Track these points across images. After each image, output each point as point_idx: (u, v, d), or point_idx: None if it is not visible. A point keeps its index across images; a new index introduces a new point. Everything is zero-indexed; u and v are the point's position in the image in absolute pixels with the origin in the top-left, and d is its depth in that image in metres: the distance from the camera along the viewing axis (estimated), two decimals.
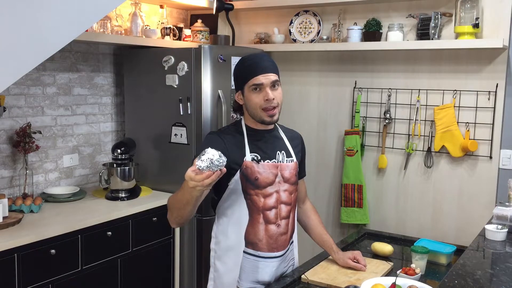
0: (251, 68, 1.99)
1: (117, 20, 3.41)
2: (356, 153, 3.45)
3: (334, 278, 2.07)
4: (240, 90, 2.03)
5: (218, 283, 2.11)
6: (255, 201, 2.00)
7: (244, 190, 2.00)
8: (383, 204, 3.51)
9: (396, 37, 3.25)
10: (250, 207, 2.01)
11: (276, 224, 2.04)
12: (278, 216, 2.04)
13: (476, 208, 3.18)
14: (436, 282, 2.03)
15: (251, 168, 1.98)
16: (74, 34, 2.07)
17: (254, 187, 1.99)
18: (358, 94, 3.52)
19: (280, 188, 2.04)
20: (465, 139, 3.14)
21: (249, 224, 2.01)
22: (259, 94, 1.97)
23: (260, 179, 1.99)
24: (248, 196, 2.00)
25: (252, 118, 2.04)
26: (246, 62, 2.02)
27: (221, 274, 2.09)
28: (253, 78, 1.97)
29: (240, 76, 2.02)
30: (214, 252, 2.13)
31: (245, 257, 2.03)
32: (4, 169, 2.97)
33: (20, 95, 3.02)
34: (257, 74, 1.97)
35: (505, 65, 3.04)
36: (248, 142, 2.02)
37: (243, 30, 4.00)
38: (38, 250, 2.49)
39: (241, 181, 1.98)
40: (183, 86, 3.25)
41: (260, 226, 2.01)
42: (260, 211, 2.01)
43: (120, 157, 3.23)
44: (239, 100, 2.06)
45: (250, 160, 1.99)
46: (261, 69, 1.98)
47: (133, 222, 2.99)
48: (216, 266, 2.11)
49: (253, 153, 2.01)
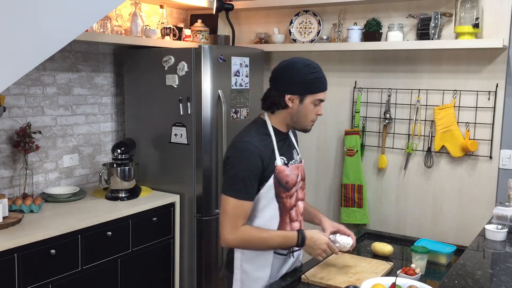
0: (322, 81, 2.03)
1: (117, 20, 3.41)
2: (356, 153, 3.45)
3: (334, 278, 2.07)
4: (299, 96, 2.00)
5: (247, 284, 2.08)
6: (285, 203, 2.06)
7: (277, 194, 2.02)
8: (383, 204, 3.51)
9: (396, 37, 3.25)
10: (281, 209, 2.06)
11: (298, 221, 2.13)
12: (298, 212, 2.13)
13: (476, 208, 3.18)
14: (436, 282, 2.03)
15: (282, 172, 2.02)
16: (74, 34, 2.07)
17: (285, 190, 2.03)
18: (358, 94, 3.52)
19: (298, 187, 2.11)
20: (465, 139, 3.14)
21: (279, 225, 2.07)
22: (315, 108, 2.03)
23: (289, 182, 2.04)
24: (280, 199, 2.04)
25: (292, 123, 2.07)
26: (317, 73, 2.02)
27: (250, 276, 2.08)
28: (322, 93, 2.03)
29: (308, 84, 2.00)
30: (241, 254, 2.07)
31: (276, 257, 2.09)
32: (4, 169, 2.97)
33: (20, 95, 3.02)
34: (325, 90, 2.05)
35: (505, 65, 3.04)
36: (277, 146, 2.04)
37: (243, 30, 4.00)
38: (38, 250, 2.49)
39: (275, 186, 2.01)
40: (183, 86, 3.25)
41: (287, 226, 2.08)
42: (287, 211, 2.07)
43: (120, 157, 3.23)
44: (288, 102, 2.01)
45: (281, 164, 2.03)
46: (326, 85, 2.06)
47: (133, 222, 3.00)
48: (244, 269, 2.08)
49: (281, 156, 2.05)
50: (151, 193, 3.35)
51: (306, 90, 2.00)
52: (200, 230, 3.29)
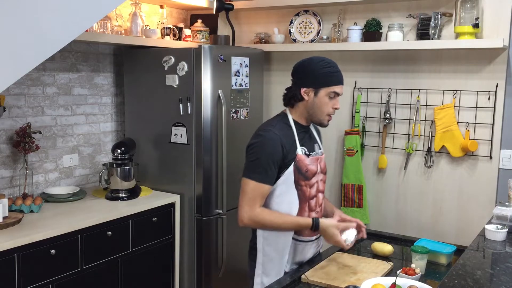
0: (336, 75, 2.15)
1: (117, 20, 3.41)
2: (356, 153, 3.45)
3: (334, 278, 2.07)
4: (313, 88, 2.13)
5: (267, 267, 2.21)
6: (304, 192, 2.18)
7: (296, 181, 2.15)
8: (383, 204, 3.51)
9: (396, 37, 3.25)
10: (300, 197, 2.18)
11: (315, 211, 2.25)
12: (317, 203, 2.26)
13: (476, 208, 3.18)
14: (436, 282, 2.03)
15: (303, 161, 2.15)
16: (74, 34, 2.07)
17: (304, 179, 2.16)
18: (358, 94, 3.52)
19: (319, 178, 2.24)
20: (465, 139, 3.14)
21: (298, 212, 2.18)
22: (331, 101, 2.15)
23: (309, 171, 2.17)
24: (299, 187, 2.16)
25: (308, 116, 2.20)
26: (332, 68, 2.15)
27: (271, 258, 2.21)
28: (336, 86, 2.14)
29: (322, 77, 2.13)
30: (262, 238, 2.21)
31: (294, 243, 2.21)
32: (4, 169, 2.97)
33: (20, 95, 3.02)
34: (340, 83, 2.16)
35: (505, 65, 3.04)
36: (298, 136, 2.18)
37: (243, 30, 4.00)
38: (38, 250, 2.49)
39: (294, 173, 2.14)
40: (183, 86, 3.25)
41: (305, 214, 2.20)
42: (307, 200, 2.20)
43: (120, 157, 3.23)
44: (304, 95, 2.15)
45: (302, 153, 2.16)
46: (341, 79, 2.17)
47: (133, 222, 3.00)
48: (266, 252, 2.21)
49: (302, 146, 2.18)
50: (151, 193, 3.35)
51: (320, 83, 2.13)
52: (200, 230, 3.29)
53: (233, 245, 3.41)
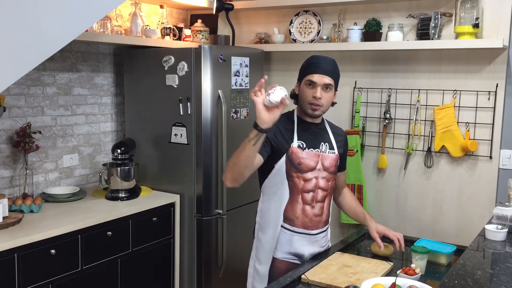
0: (313, 66, 2.27)
1: (117, 20, 3.41)
2: (356, 153, 3.45)
3: (334, 278, 2.07)
4: (299, 82, 2.33)
5: (260, 251, 2.37)
6: (296, 183, 2.27)
7: (287, 172, 2.26)
8: (383, 204, 3.51)
9: (396, 37, 3.25)
10: (291, 188, 2.28)
11: (311, 206, 2.30)
12: (314, 199, 2.31)
13: (476, 208, 3.18)
14: (436, 282, 2.03)
15: (296, 153, 2.25)
16: (74, 34, 2.07)
17: (296, 171, 2.26)
18: (358, 94, 3.52)
19: (319, 175, 2.30)
20: (465, 139, 3.14)
21: (289, 202, 2.29)
22: (311, 90, 2.25)
23: (302, 164, 2.26)
24: (290, 178, 2.27)
25: (300, 108, 2.33)
26: (312, 60, 2.31)
27: (262, 244, 2.35)
28: (310, 75, 2.25)
29: (302, 70, 2.32)
30: (258, 224, 2.39)
31: (282, 231, 2.31)
32: (4, 169, 2.97)
33: (20, 95, 3.02)
34: (315, 72, 2.25)
35: (505, 65, 3.04)
36: (297, 130, 2.29)
37: (243, 30, 4.00)
38: (38, 250, 2.49)
39: (286, 164, 2.25)
40: (183, 86, 3.25)
41: (298, 205, 2.29)
42: (299, 192, 2.28)
43: (120, 157, 3.23)
44: (296, 90, 2.35)
45: (296, 147, 2.26)
46: (320, 69, 2.25)
47: (133, 222, 3.00)
48: (259, 237, 2.38)
49: (300, 140, 2.28)
50: (151, 193, 3.35)
51: (301, 75, 2.32)
52: (200, 230, 3.29)
53: (233, 245, 3.41)
